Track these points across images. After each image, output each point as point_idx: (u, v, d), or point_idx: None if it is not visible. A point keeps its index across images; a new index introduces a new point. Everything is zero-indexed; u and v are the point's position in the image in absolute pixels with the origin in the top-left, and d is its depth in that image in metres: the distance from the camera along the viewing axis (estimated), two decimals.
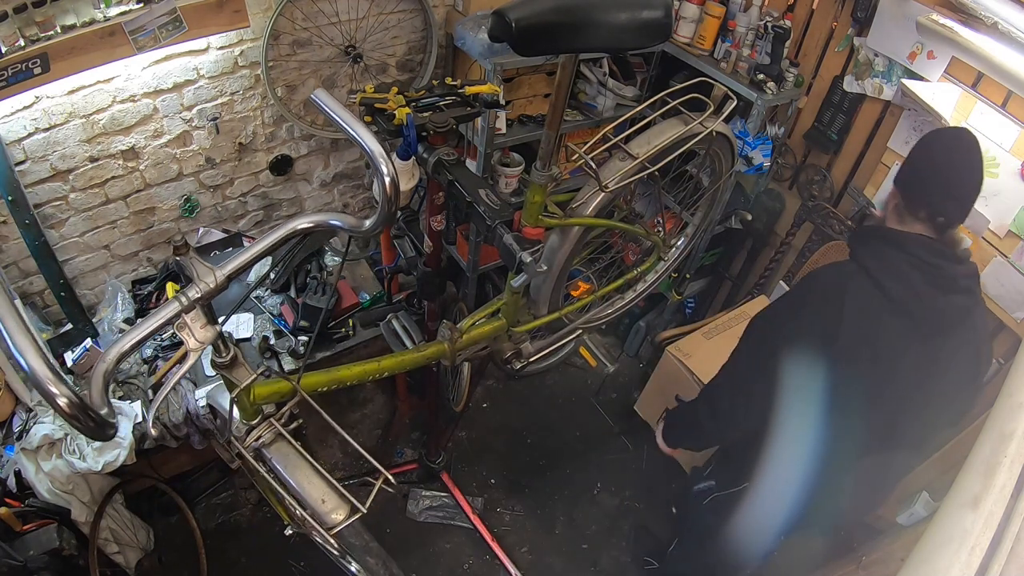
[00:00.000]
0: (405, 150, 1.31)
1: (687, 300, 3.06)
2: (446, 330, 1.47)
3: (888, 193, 1.38)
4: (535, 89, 2.32)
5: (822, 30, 2.16)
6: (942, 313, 1.23)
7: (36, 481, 1.72)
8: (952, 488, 0.85)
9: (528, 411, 2.92)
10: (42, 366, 0.66)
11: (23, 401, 1.82)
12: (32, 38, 1.53)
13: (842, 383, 1.27)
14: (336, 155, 2.49)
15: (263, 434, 1.08)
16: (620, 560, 2.45)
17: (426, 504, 2.49)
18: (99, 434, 0.72)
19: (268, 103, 2.15)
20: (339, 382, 1.28)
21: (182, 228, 2.30)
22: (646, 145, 1.30)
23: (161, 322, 0.83)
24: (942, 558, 0.75)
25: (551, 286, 1.48)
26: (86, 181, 1.95)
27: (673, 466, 2.54)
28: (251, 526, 2.36)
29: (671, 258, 1.85)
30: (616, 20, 1.03)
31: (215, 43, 1.92)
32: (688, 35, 2.32)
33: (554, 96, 1.13)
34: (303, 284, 2.25)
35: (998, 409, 0.94)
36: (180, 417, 1.90)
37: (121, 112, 1.88)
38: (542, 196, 1.25)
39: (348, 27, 2.13)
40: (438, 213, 1.56)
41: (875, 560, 1.80)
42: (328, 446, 2.61)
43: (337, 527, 1.01)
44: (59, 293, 1.97)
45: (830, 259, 2.38)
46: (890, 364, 1.26)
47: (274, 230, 0.92)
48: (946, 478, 0.90)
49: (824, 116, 2.26)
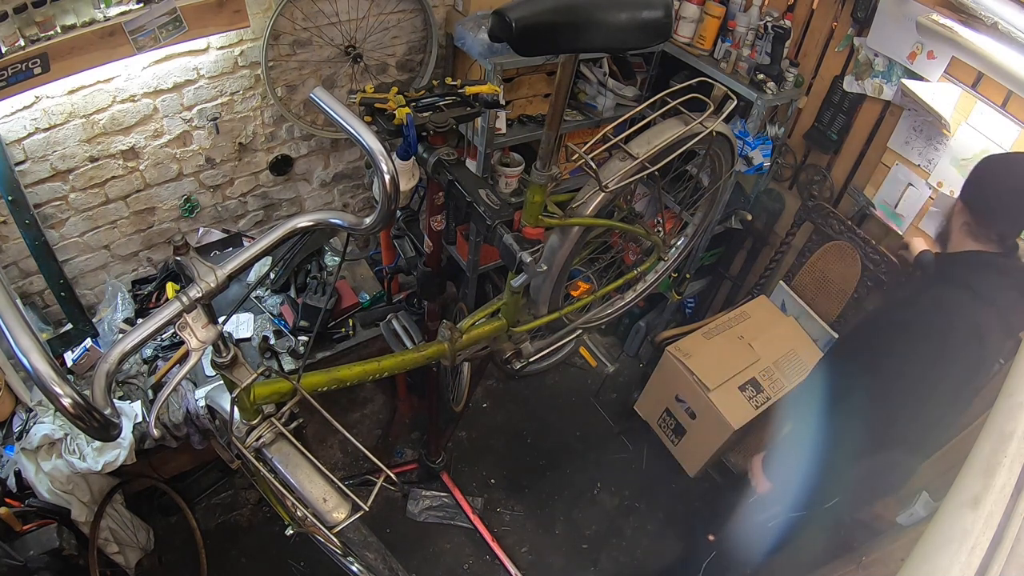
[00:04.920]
0: (405, 150, 1.31)
1: (687, 300, 3.06)
2: (446, 330, 1.47)
3: (952, 210, 1.42)
4: (535, 89, 2.32)
5: (822, 30, 2.16)
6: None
7: (36, 481, 1.72)
8: (952, 488, 0.84)
9: (528, 411, 2.92)
10: (46, 366, 0.66)
11: (23, 401, 1.82)
12: (32, 38, 1.53)
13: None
14: (336, 155, 2.49)
15: (263, 434, 1.08)
16: (620, 560, 2.46)
17: (426, 504, 2.49)
18: (103, 434, 0.72)
19: (268, 103, 2.15)
20: (339, 382, 1.28)
21: (182, 228, 2.29)
22: (646, 145, 1.30)
23: (163, 322, 0.83)
24: (942, 558, 0.75)
25: (551, 286, 1.48)
26: (86, 181, 1.95)
27: (673, 467, 2.54)
28: (251, 526, 2.36)
29: (671, 258, 1.85)
30: (616, 20, 1.03)
31: (215, 43, 1.92)
32: (688, 35, 2.32)
33: (554, 96, 1.13)
34: (303, 284, 2.25)
35: (998, 409, 0.94)
36: (180, 417, 1.90)
37: (121, 112, 1.88)
38: (542, 196, 1.25)
39: (348, 27, 2.13)
40: (438, 213, 1.56)
41: (875, 560, 1.80)
42: (328, 446, 2.61)
43: (339, 526, 1.00)
44: (59, 293, 1.97)
45: (830, 259, 2.38)
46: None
47: (274, 229, 0.92)
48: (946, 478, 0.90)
49: (824, 116, 2.26)
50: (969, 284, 1.33)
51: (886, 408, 1.39)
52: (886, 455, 1.43)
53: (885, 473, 1.54)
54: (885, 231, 2.22)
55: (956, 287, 1.35)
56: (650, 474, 2.73)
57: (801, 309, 2.51)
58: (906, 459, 1.49)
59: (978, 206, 1.34)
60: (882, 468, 1.50)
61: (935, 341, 1.34)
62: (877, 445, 1.42)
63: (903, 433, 1.39)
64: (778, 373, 2.35)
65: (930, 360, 1.34)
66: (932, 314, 1.38)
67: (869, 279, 2.26)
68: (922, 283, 1.66)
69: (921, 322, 1.39)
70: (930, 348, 1.34)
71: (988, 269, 1.33)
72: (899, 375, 1.37)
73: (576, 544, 2.49)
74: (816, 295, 2.48)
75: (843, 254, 2.33)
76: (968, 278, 1.34)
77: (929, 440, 1.48)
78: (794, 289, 2.54)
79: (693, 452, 2.42)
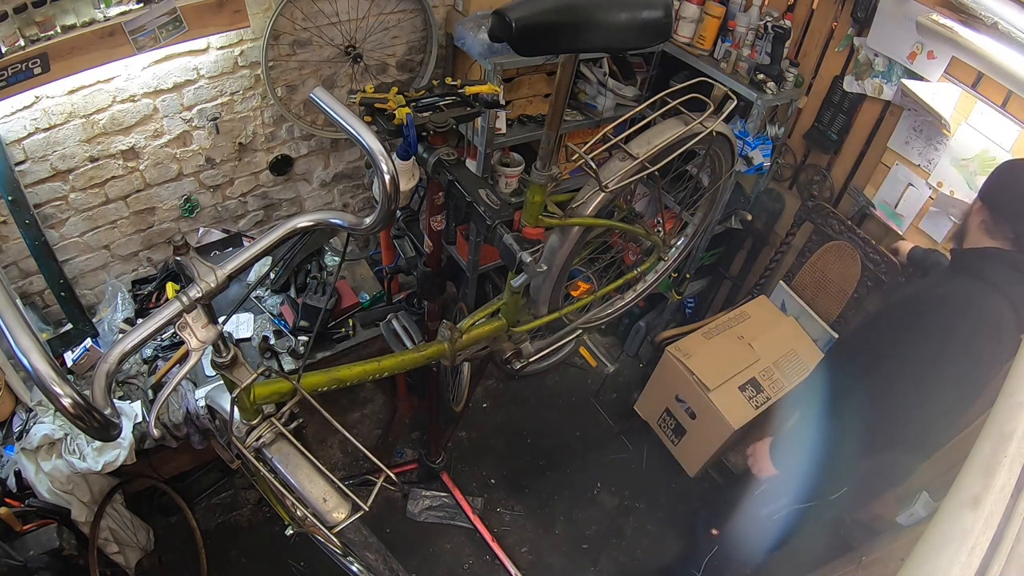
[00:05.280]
0: (405, 150, 1.31)
1: (687, 300, 3.07)
2: (446, 330, 1.47)
3: (971, 208, 1.47)
4: (535, 89, 2.32)
5: (822, 30, 2.16)
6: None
7: (36, 481, 1.72)
8: (952, 488, 0.84)
9: (528, 411, 2.92)
10: (46, 366, 0.66)
11: (23, 401, 1.82)
12: (32, 38, 1.53)
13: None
14: (336, 155, 2.49)
15: (263, 434, 1.08)
16: (620, 560, 2.46)
17: (426, 504, 2.49)
18: (103, 434, 0.72)
19: (268, 103, 2.15)
20: (339, 382, 1.28)
21: (182, 228, 2.29)
22: (646, 145, 1.30)
23: (163, 322, 0.83)
24: (942, 558, 0.75)
25: (551, 286, 1.48)
26: (86, 181, 1.95)
27: (673, 467, 2.54)
28: (251, 526, 2.36)
29: (671, 258, 1.85)
30: (616, 20, 1.03)
31: (215, 43, 1.92)
32: (688, 35, 2.32)
33: (554, 96, 1.13)
34: (303, 284, 2.25)
35: (998, 409, 0.94)
36: (180, 417, 1.90)
37: (121, 112, 1.88)
38: (542, 196, 1.25)
39: (348, 27, 2.13)
40: (438, 213, 1.56)
41: (875, 560, 1.80)
42: (328, 446, 2.61)
43: (339, 526, 1.00)
44: (59, 293, 1.97)
45: (830, 259, 2.38)
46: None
47: (274, 229, 0.92)
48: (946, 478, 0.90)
49: (824, 116, 2.26)
50: (984, 273, 1.36)
51: (890, 406, 1.39)
52: (889, 454, 1.44)
53: (886, 471, 1.55)
54: (885, 231, 2.22)
55: (971, 277, 1.39)
56: (650, 474, 2.73)
57: (801, 309, 2.51)
58: (907, 458, 1.49)
59: (997, 206, 1.39)
60: (883, 467, 1.51)
61: (948, 332, 1.35)
62: (879, 444, 1.42)
63: (905, 431, 1.39)
64: (778, 373, 2.35)
65: (942, 350, 1.35)
66: (946, 303, 1.40)
67: (869, 279, 2.26)
68: (929, 278, 1.67)
69: (933, 313, 1.41)
70: (943, 338, 1.36)
71: (1002, 263, 1.36)
72: (914, 365, 1.38)
73: (576, 544, 2.48)
74: (816, 295, 2.48)
75: (843, 254, 2.33)
76: (983, 268, 1.38)
77: (934, 437, 1.48)
78: (794, 289, 2.54)
79: (693, 452, 2.42)
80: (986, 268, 1.37)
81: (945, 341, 1.35)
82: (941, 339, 1.35)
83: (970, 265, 1.42)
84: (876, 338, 1.57)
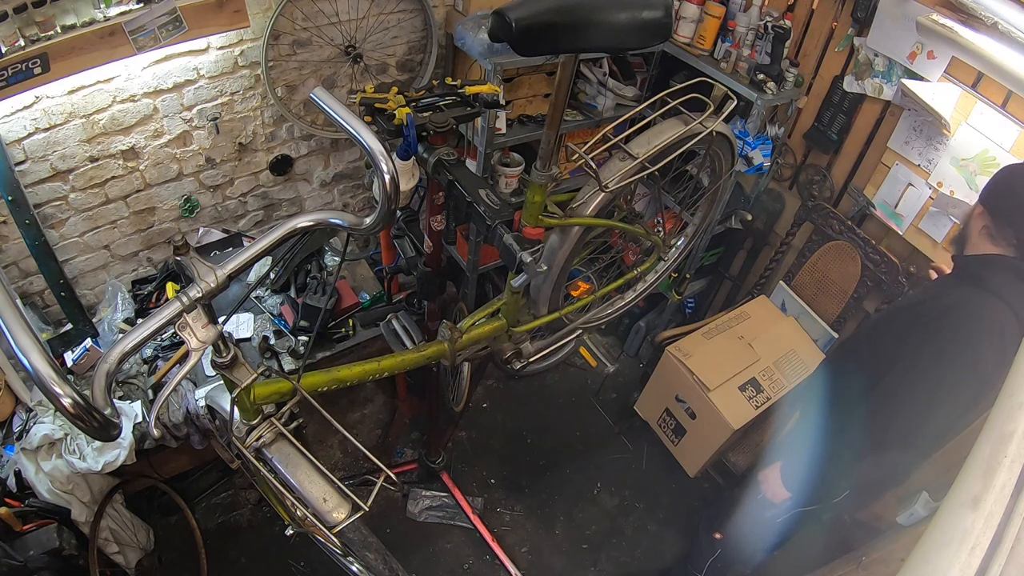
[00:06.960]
0: (405, 150, 1.31)
1: (687, 300, 3.06)
2: (446, 330, 1.47)
3: (972, 213, 1.45)
4: (535, 89, 2.32)
5: (822, 30, 2.16)
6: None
7: (36, 481, 1.72)
8: (952, 488, 0.84)
9: (528, 411, 2.92)
10: (46, 366, 0.66)
11: (23, 401, 1.83)
12: (32, 38, 1.53)
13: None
14: (336, 155, 2.49)
15: (263, 434, 1.08)
16: (620, 560, 2.46)
17: (426, 504, 2.49)
18: (104, 434, 0.72)
19: (268, 103, 2.15)
20: (339, 382, 1.28)
21: (182, 228, 2.30)
22: (646, 145, 1.30)
23: (163, 322, 0.83)
24: (942, 558, 0.75)
25: (551, 286, 1.48)
26: (86, 181, 1.95)
27: (673, 467, 2.54)
28: (251, 526, 2.36)
29: (671, 258, 1.85)
30: (616, 20, 1.03)
31: (215, 43, 1.92)
32: (688, 35, 2.32)
33: (554, 96, 1.13)
34: (303, 284, 2.25)
35: (998, 409, 0.93)
36: (180, 417, 1.90)
37: (121, 112, 1.88)
38: (542, 196, 1.25)
39: (348, 27, 2.13)
40: (438, 213, 1.56)
41: (875, 560, 1.80)
42: (328, 446, 2.61)
43: (339, 526, 1.00)
44: (59, 293, 1.97)
45: (830, 259, 2.38)
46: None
47: (274, 229, 0.92)
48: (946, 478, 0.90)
49: (824, 116, 2.26)
50: (987, 282, 1.35)
51: (892, 414, 1.39)
52: (889, 455, 1.43)
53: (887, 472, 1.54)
54: (885, 231, 2.22)
55: (974, 286, 1.37)
56: (650, 474, 2.73)
57: (801, 309, 2.51)
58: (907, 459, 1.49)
59: (999, 211, 1.37)
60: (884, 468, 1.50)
61: (952, 342, 1.34)
62: (881, 450, 1.42)
63: (907, 439, 1.39)
64: (778, 373, 2.35)
65: (945, 361, 1.34)
66: (949, 312, 1.39)
67: (869, 279, 2.26)
68: (932, 286, 1.67)
69: (936, 322, 1.39)
70: (946, 349, 1.35)
71: (1005, 270, 1.35)
72: (917, 374, 1.37)
73: (576, 544, 2.48)
74: (816, 295, 2.48)
75: (843, 254, 2.33)
76: (986, 277, 1.36)
77: (936, 442, 1.47)
78: (794, 289, 2.54)
79: (693, 452, 2.42)
80: (989, 276, 1.35)
81: (948, 351, 1.34)
82: (945, 349, 1.34)
83: (973, 273, 1.40)
84: (879, 346, 1.56)
